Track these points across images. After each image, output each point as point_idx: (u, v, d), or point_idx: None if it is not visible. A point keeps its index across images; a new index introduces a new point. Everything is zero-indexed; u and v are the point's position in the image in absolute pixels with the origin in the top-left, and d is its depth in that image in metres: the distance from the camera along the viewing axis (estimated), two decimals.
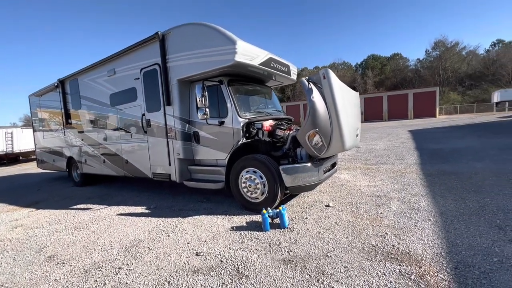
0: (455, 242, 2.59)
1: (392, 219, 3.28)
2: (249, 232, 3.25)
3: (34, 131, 9.50)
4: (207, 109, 4.12)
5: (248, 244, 2.93)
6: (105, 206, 5.13)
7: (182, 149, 4.72)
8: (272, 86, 6.02)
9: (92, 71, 6.35)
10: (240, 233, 3.24)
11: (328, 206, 3.95)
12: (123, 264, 2.75)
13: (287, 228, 3.28)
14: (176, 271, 2.52)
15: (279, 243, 2.90)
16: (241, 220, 3.71)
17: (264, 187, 3.85)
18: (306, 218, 3.56)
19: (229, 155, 4.23)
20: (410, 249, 2.53)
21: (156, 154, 5.17)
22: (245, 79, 4.88)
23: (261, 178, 3.86)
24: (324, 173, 4.03)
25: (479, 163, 5.76)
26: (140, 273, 2.54)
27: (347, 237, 2.91)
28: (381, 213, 3.50)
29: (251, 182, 3.92)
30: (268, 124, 4.26)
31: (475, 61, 50.55)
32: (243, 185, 4.02)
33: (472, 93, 45.37)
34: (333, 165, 4.64)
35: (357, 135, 4.15)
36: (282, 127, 4.28)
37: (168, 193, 5.67)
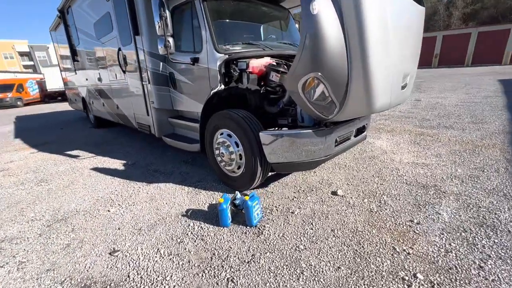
0: None
1: (435, 241, 1.87)
2: (201, 225, 2.26)
3: (60, 70, 9.45)
4: (170, 39, 2.81)
5: (184, 250, 1.97)
6: (92, 155, 4.68)
7: (156, 95, 3.66)
8: (291, 7, 4.18)
9: None
10: (189, 225, 2.28)
11: (335, 194, 2.64)
12: (24, 250, 2.10)
13: (256, 227, 2.18)
14: (61, 282, 1.74)
15: (226, 257, 1.85)
16: (206, 199, 2.72)
17: (240, 158, 2.67)
18: (293, 212, 2.37)
19: (202, 108, 3.03)
20: None
21: (135, 100, 4.26)
22: None
23: (237, 146, 2.65)
24: (337, 145, 2.60)
25: None
26: (21, 275, 1.84)
27: (338, 267, 1.69)
28: (419, 223, 2.08)
29: (225, 150, 2.75)
30: (258, 63, 2.75)
31: None
32: (216, 152, 2.90)
33: None
34: (361, 129, 3.09)
35: (403, 87, 2.45)
36: (281, 69, 2.74)
37: (159, 146, 4.93)
